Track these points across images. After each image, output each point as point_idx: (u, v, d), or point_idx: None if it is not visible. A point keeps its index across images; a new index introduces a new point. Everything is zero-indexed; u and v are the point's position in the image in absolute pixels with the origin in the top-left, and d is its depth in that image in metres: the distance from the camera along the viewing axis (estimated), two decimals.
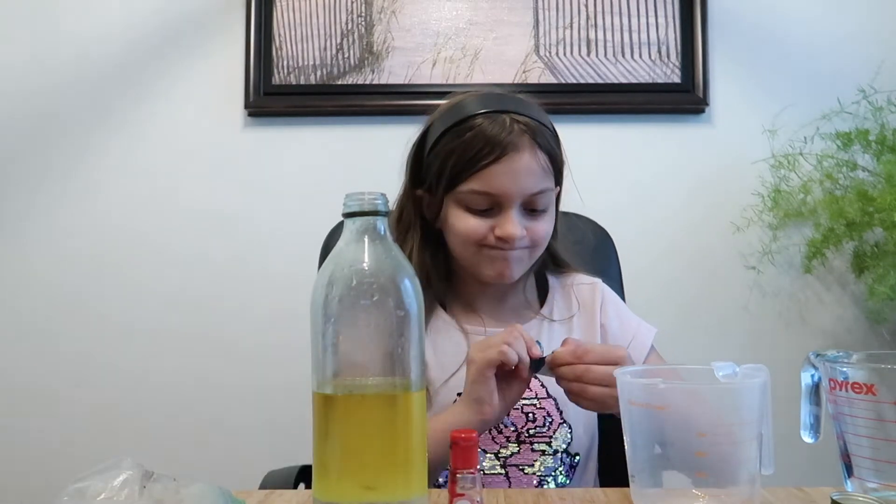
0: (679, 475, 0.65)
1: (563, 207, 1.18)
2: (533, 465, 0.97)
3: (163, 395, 1.78)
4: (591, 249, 1.20)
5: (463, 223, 0.97)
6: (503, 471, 0.96)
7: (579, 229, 1.23)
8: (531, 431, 0.97)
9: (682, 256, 1.79)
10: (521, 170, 0.94)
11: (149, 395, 1.78)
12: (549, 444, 0.98)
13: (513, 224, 0.94)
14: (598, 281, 1.10)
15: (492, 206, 0.95)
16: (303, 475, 1.08)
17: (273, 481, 1.05)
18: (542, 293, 1.10)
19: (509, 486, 0.96)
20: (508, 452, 0.97)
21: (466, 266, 1.02)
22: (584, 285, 1.09)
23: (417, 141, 1.04)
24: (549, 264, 1.11)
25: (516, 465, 0.97)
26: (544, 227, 0.99)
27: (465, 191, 0.95)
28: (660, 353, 1.08)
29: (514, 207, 0.94)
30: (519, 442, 0.97)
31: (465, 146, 0.94)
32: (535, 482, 0.96)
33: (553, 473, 0.98)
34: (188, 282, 1.79)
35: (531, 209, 0.97)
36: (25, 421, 1.78)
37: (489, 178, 0.94)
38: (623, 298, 1.22)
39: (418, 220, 1.04)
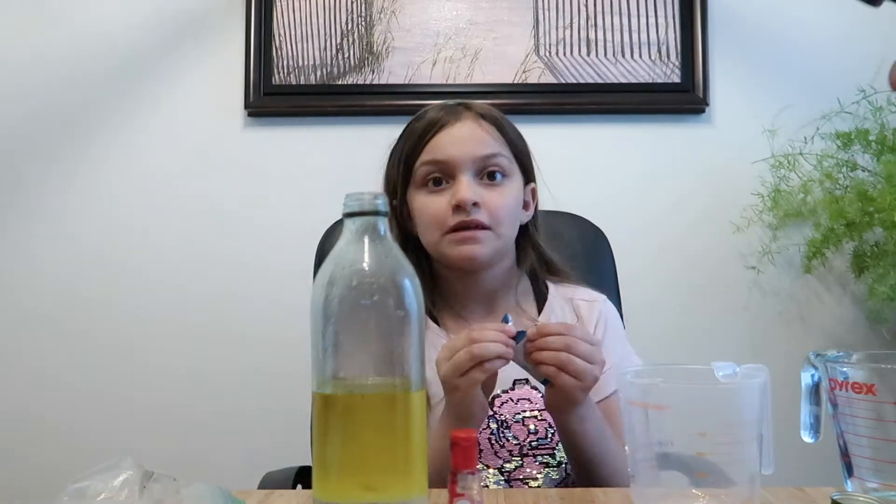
0: (679, 475, 0.65)
1: (561, 208, 1.18)
2: (537, 479, 0.96)
3: (163, 393, 1.78)
4: (585, 250, 1.19)
5: (423, 205, 0.99)
6: (507, 485, 0.95)
7: (573, 229, 1.22)
8: (533, 444, 0.96)
9: (681, 256, 1.79)
10: (464, 135, 0.99)
11: (149, 394, 1.78)
12: (552, 455, 0.97)
13: (465, 187, 0.95)
14: (600, 299, 1.08)
15: (446, 179, 0.98)
16: (301, 476, 1.08)
17: (271, 483, 1.05)
18: (541, 301, 1.08)
19: None
20: (512, 466, 0.96)
21: (437, 256, 1.02)
22: (585, 301, 1.07)
23: (388, 154, 1.08)
24: (542, 269, 1.09)
25: (520, 479, 0.96)
26: (501, 198, 0.98)
27: (418, 167, 1.00)
28: None
29: (465, 173, 0.97)
30: (522, 455, 0.96)
31: (415, 131, 1.02)
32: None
33: (559, 486, 0.96)
34: (188, 281, 1.79)
35: (487, 174, 0.99)
36: (25, 419, 1.78)
37: (435, 146, 0.99)
38: (619, 298, 1.21)
39: (397, 231, 1.04)
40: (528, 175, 1.05)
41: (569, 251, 1.13)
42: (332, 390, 0.61)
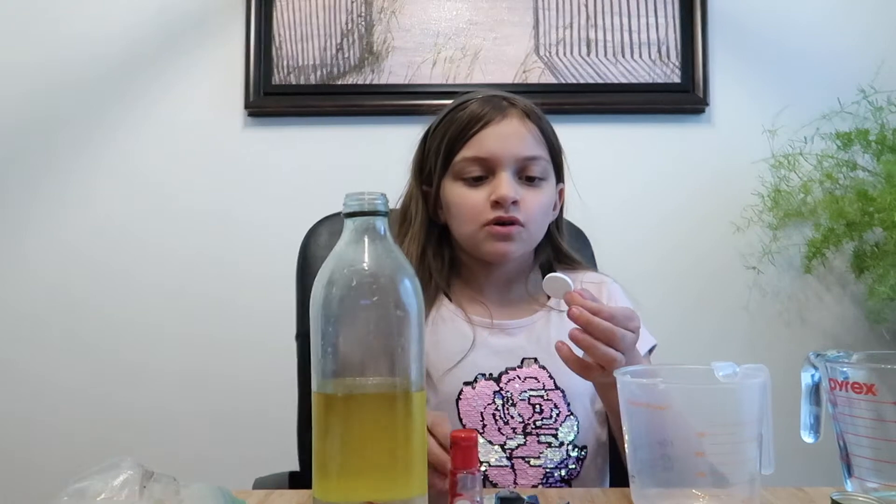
0: (679, 475, 0.65)
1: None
2: (539, 458, 0.97)
3: (162, 394, 1.78)
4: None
5: (461, 197, 1.00)
6: (509, 462, 0.97)
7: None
8: (538, 423, 0.98)
9: (682, 256, 1.79)
10: (509, 133, 0.99)
11: (148, 394, 1.78)
12: (555, 436, 0.98)
13: (505, 185, 0.96)
14: (607, 280, 1.11)
15: (486, 174, 0.99)
16: (293, 483, 1.08)
17: (262, 488, 1.04)
18: None
19: (515, 479, 0.96)
20: (514, 444, 0.97)
21: (468, 248, 1.03)
22: (593, 283, 1.09)
23: (421, 137, 1.08)
24: (555, 261, 1.11)
25: (522, 458, 0.97)
26: (539, 199, 1.00)
27: (459, 161, 1.00)
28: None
29: (506, 170, 0.97)
30: (525, 434, 0.97)
31: (458, 122, 1.01)
32: (541, 475, 0.97)
33: (559, 466, 0.98)
34: (188, 282, 1.79)
35: (526, 177, 1.00)
36: (25, 420, 1.78)
37: (479, 142, 0.99)
38: None
39: (421, 216, 1.05)
40: (560, 176, 1.07)
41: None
42: (332, 390, 0.61)
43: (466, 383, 0.99)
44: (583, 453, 1.00)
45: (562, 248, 1.11)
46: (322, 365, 0.62)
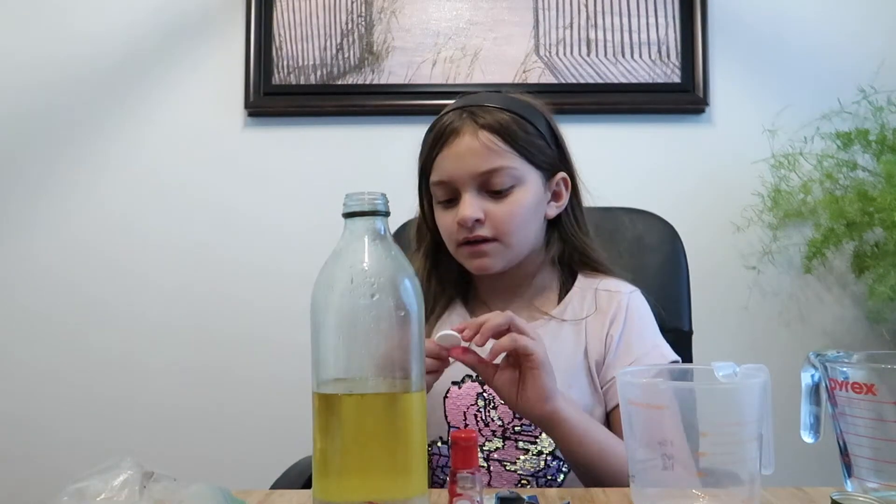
0: (679, 475, 0.65)
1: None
2: (515, 463, 0.97)
3: (164, 393, 1.78)
4: (649, 251, 1.17)
5: (439, 219, 1.02)
6: (485, 464, 0.97)
7: (649, 229, 1.21)
8: (517, 428, 0.97)
9: None
10: (462, 152, 0.97)
11: (150, 394, 1.78)
12: (533, 443, 0.97)
13: (464, 206, 0.96)
14: (625, 291, 1.03)
15: (454, 196, 0.99)
16: None
17: (292, 474, 1.04)
18: (564, 294, 1.06)
19: (490, 481, 0.96)
20: (492, 447, 0.97)
21: (458, 262, 1.04)
22: (607, 292, 1.03)
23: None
24: (576, 261, 1.06)
25: (499, 461, 0.97)
26: (509, 209, 0.97)
27: (431, 185, 1.02)
28: None
29: (467, 191, 0.97)
30: (504, 438, 0.97)
31: (426, 145, 1.02)
32: (515, 480, 0.96)
33: (536, 475, 0.96)
34: (188, 281, 1.79)
35: (491, 191, 0.97)
36: (27, 420, 1.78)
37: (439, 167, 0.99)
38: (689, 302, 1.18)
39: (431, 232, 1.06)
40: (553, 168, 1.03)
41: (633, 248, 1.10)
42: (332, 390, 0.61)
43: (454, 382, 1.00)
44: (566, 465, 0.97)
45: (583, 248, 1.05)
46: (322, 365, 0.62)
